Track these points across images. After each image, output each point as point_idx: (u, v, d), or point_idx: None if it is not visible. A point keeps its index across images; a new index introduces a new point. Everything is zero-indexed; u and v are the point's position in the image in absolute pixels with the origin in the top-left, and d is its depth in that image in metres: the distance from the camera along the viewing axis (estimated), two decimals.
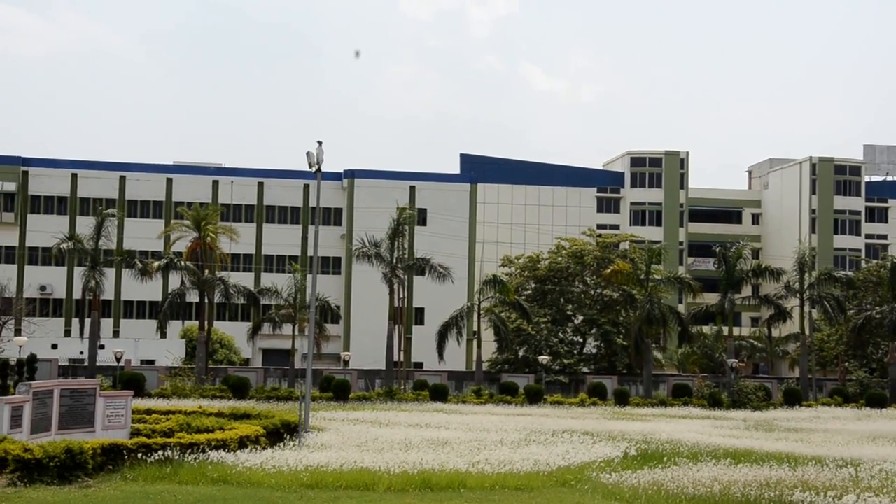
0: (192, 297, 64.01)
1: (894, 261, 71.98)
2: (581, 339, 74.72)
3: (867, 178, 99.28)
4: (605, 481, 21.12)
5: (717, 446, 29.77)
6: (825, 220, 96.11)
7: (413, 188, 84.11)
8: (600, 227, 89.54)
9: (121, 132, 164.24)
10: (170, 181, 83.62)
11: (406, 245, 66.13)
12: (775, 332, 79.50)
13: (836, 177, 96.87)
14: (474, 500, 19.22)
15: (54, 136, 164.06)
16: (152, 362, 66.82)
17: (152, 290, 74.71)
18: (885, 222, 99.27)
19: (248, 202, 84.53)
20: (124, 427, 25.72)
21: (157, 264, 62.41)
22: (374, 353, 68.82)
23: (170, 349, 69.73)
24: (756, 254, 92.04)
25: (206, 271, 61.86)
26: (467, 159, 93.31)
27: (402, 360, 63.74)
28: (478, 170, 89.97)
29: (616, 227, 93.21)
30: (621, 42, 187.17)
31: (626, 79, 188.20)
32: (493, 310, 67.81)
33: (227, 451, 23.13)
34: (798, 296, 69.12)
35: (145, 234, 77.72)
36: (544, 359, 65.05)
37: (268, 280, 74.17)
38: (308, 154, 31.94)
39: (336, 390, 53.74)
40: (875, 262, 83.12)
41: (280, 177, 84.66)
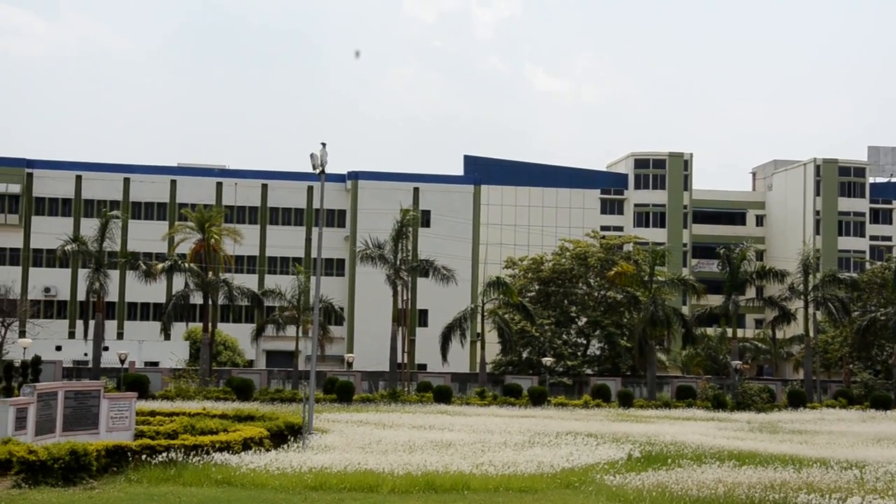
0: (196, 298, 64.07)
1: None
2: (585, 341, 74.68)
3: (871, 180, 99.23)
4: (609, 483, 21.11)
5: (721, 448, 29.74)
6: (829, 222, 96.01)
7: (417, 190, 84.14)
8: (604, 228, 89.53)
9: (125, 134, 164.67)
10: (174, 183, 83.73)
11: (410, 247, 66.13)
12: (779, 334, 79.41)
13: (841, 178, 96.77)
14: (478, 502, 19.22)
15: (58, 138, 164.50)
16: (156, 364, 66.89)
17: (156, 292, 74.80)
18: (890, 224, 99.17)
19: (252, 204, 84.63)
20: (128, 429, 25.74)
21: (161, 266, 62.44)
22: (377, 354, 68.84)
23: (174, 351, 69.82)
24: (760, 255, 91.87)
25: (210, 273, 61.89)
26: (471, 161, 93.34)
27: (405, 361, 63.74)
28: (481, 171, 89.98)
29: (620, 228, 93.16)
30: (625, 43, 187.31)
31: (630, 80, 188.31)
32: (496, 311, 67.81)
33: (231, 453, 23.16)
34: (802, 297, 68.99)
35: (149, 236, 77.86)
36: (548, 360, 65.00)
37: (271, 282, 74.20)
38: (312, 156, 31.99)
39: (340, 392, 53.77)
40: (879, 263, 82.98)
41: (284, 179, 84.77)
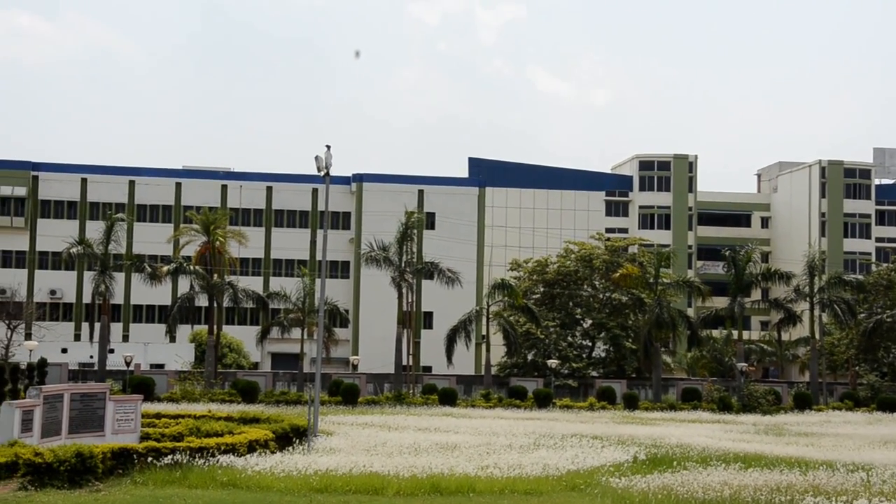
0: (202, 301, 64.14)
1: None
2: (590, 343, 74.63)
3: (877, 182, 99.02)
4: (615, 486, 21.07)
5: (726, 450, 29.69)
6: (835, 224, 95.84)
7: (421, 192, 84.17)
8: (609, 230, 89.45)
9: (130, 137, 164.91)
10: (179, 185, 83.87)
11: (414, 249, 66.18)
12: (785, 336, 79.25)
13: (846, 180, 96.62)
14: None
15: (64, 141, 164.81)
16: (162, 366, 66.94)
17: (162, 295, 74.91)
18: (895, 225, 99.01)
19: (257, 206, 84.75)
20: (134, 431, 25.75)
21: (166, 268, 62.54)
22: (382, 357, 68.85)
23: (179, 353, 69.90)
24: (765, 257, 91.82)
25: (215, 275, 61.95)
26: (476, 163, 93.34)
27: (410, 364, 63.72)
28: (486, 173, 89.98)
29: (625, 230, 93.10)
30: (629, 45, 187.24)
31: (634, 82, 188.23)
32: (501, 314, 67.77)
33: (237, 456, 23.16)
34: (808, 299, 68.88)
35: (155, 239, 78.00)
36: (553, 363, 64.95)
37: (276, 284, 74.31)
38: (317, 158, 31.99)
39: (345, 394, 53.74)
40: (885, 265, 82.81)
41: (289, 181, 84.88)
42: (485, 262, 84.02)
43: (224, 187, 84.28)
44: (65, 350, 69.90)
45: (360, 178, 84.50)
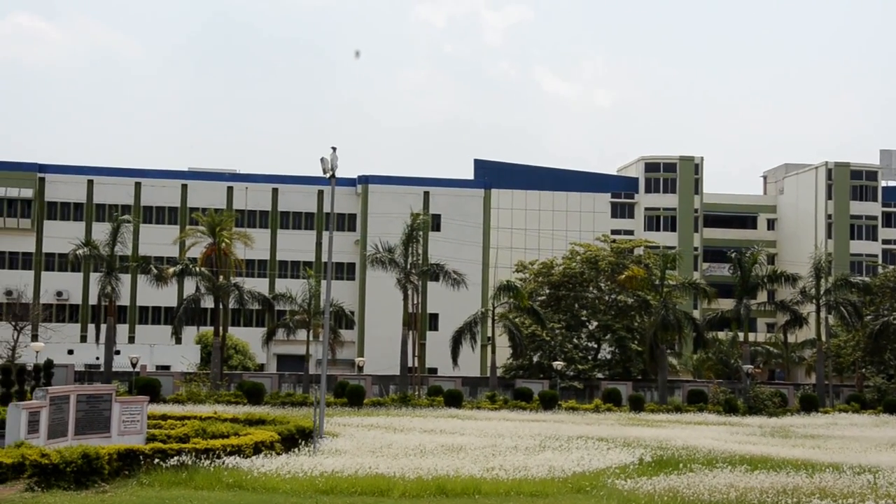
0: (207, 302, 64.21)
1: None
2: (595, 345, 74.56)
3: (884, 183, 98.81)
4: (621, 488, 21.06)
5: (733, 453, 29.65)
6: (841, 226, 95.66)
7: (427, 194, 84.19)
8: (615, 232, 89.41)
9: (136, 139, 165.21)
10: (185, 187, 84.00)
11: (420, 251, 66.14)
12: (791, 338, 79.12)
13: (853, 182, 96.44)
14: None
15: (70, 143, 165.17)
16: (168, 368, 67.05)
17: (167, 296, 74.99)
18: None
19: (263, 208, 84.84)
20: (140, 432, 25.79)
21: (172, 270, 62.60)
22: (388, 358, 68.85)
23: (185, 355, 70.00)
24: (771, 259, 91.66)
25: (221, 277, 62.02)
26: (481, 165, 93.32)
27: (416, 365, 63.73)
28: (492, 175, 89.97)
29: (630, 232, 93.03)
30: (635, 47, 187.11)
31: (640, 84, 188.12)
32: (507, 315, 67.75)
33: (243, 457, 23.18)
34: (814, 301, 68.73)
35: (160, 240, 78.12)
36: (559, 364, 64.91)
37: (282, 286, 74.30)
38: (322, 160, 32.01)
39: (350, 396, 53.79)
40: (892, 267, 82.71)
41: (294, 183, 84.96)
42: (490, 263, 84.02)
43: (230, 189, 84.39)
44: (71, 351, 70.06)
45: (365, 180, 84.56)
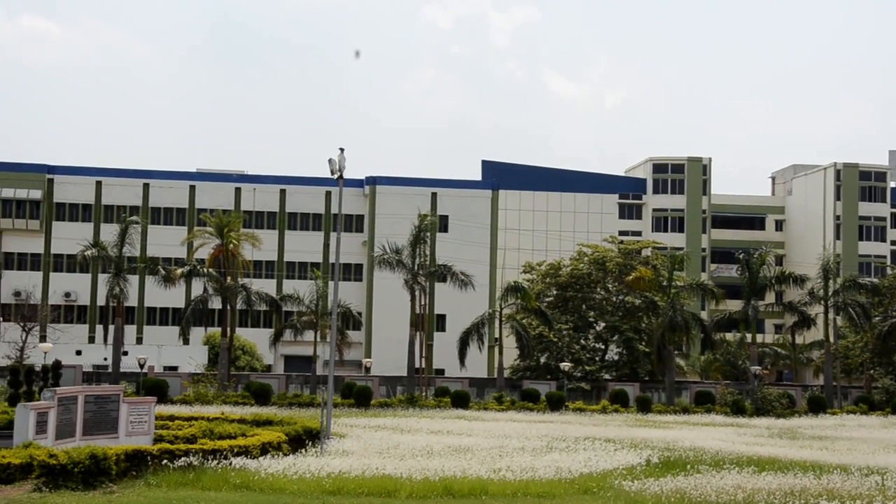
0: (215, 303, 64.30)
1: None
2: (603, 346, 74.48)
3: (893, 184, 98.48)
4: (628, 489, 21.04)
5: (740, 454, 29.60)
6: (850, 227, 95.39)
7: (434, 195, 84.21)
8: (622, 233, 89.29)
9: (144, 140, 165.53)
10: (193, 188, 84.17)
11: (427, 252, 66.21)
12: (799, 340, 78.89)
13: (861, 183, 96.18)
14: None
15: (79, 144, 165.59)
16: (175, 369, 67.15)
17: (175, 297, 75.13)
18: None
19: (271, 209, 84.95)
20: (147, 433, 25.84)
21: (180, 271, 62.71)
22: (395, 359, 68.88)
23: (192, 356, 70.09)
24: (780, 260, 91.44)
25: (229, 278, 62.11)
26: (489, 166, 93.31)
27: (423, 366, 63.73)
28: (499, 176, 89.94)
29: (638, 233, 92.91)
30: (642, 48, 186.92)
31: (648, 85, 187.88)
32: (514, 316, 67.71)
33: (250, 458, 23.21)
34: (822, 303, 68.53)
35: (168, 241, 78.28)
36: (566, 365, 64.85)
37: (290, 287, 74.43)
38: (330, 161, 32.01)
39: (357, 397, 53.83)
40: None
41: (302, 184, 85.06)
42: (498, 264, 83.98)
43: (238, 190, 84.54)
44: (79, 352, 70.19)
45: (373, 181, 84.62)
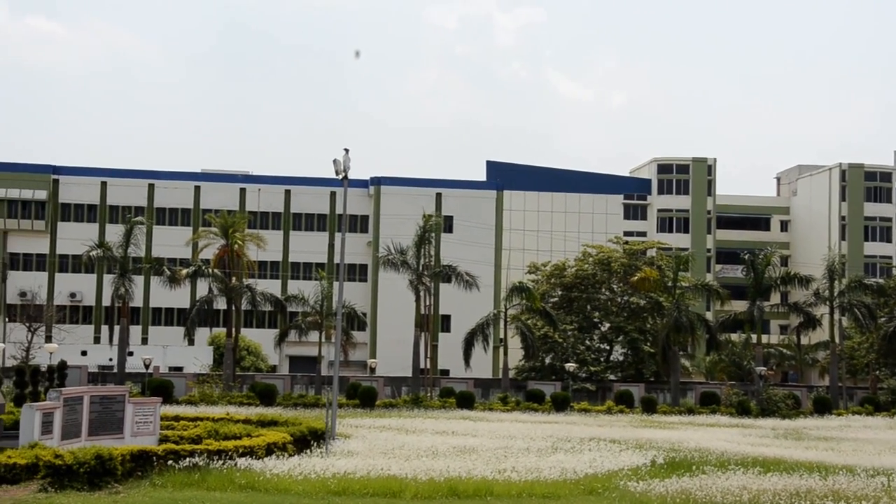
0: (220, 304, 64.39)
1: None
2: (608, 347, 74.43)
3: None
4: (633, 489, 21.03)
5: (745, 455, 29.56)
6: (855, 227, 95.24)
7: (439, 195, 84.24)
8: (627, 234, 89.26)
9: (149, 141, 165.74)
10: (198, 189, 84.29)
11: (432, 252, 66.18)
12: (804, 340, 78.76)
13: (867, 183, 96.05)
14: None
15: (84, 145, 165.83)
16: (180, 369, 67.21)
17: (180, 298, 75.23)
18: None
19: (276, 210, 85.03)
20: (153, 433, 25.87)
21: (185, 272, 62.78)
22: (400, 360, 68.88)
23: (197, 356, 70.17)
24: (785, 261, 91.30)
25: (234, 278, 62.15)
26: (493, 166, 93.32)
27: (428, 367, 63.75)
28: (504, 177, 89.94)
29: (643, 234, 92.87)
30: (647, 49, 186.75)
31: (653, 85, 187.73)
32: (519, 317, 67.69)
33: (255, 458, 23.21)
34: (828, 303, 68.38)
35: (173, 242, 78.39)
36: (571, 366, 64.81)
37: (294, 287, 74.49)
38: (335, 161, 32.03)
39: (362, 397, 53.84)
40: None
41: (307, 184, 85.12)
42: (503, 265, 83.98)
43: (242, 191, 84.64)
44: (84, 353, 70.32)
45: (377, 182, 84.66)
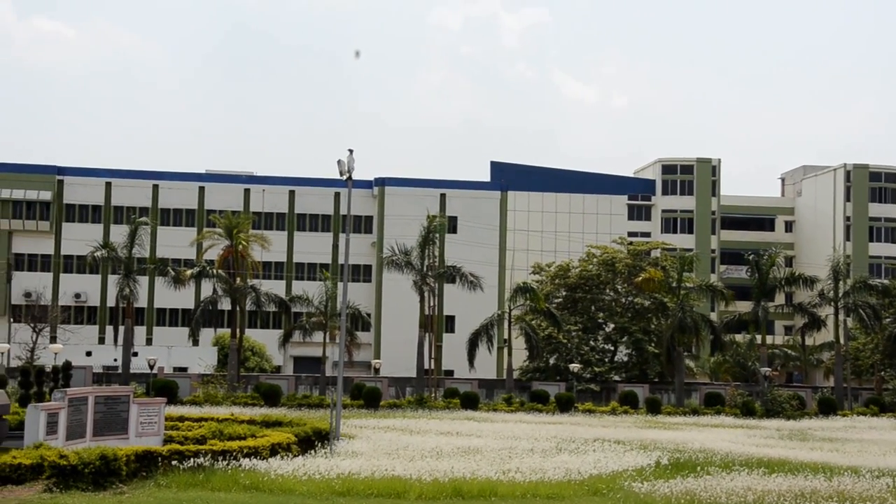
0: (224, 304, 64.41)
1: None
2: (612, 347, 74.38)
3: None
4: (637, 490, 21.01)
5: (750, 455, 29.52)
6: (860, 228, 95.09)
7: (443, 196, 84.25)
8: (631, 234, 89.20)
9: (153, 141, 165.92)
10: (202, 190, 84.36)
11: (436, 253, 66.21)
12: (809, 341, 78.68)
13: (871, 184, 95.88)
14: None
15: (88, 145, 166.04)
16: (185, 369, 67.30)
17: (185, 298, 75.29)
18: None
19: (280, 210, 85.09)
20: (157, 434, 25.90)
21: (189, 272, 62.83)
22: (404, 360, 68.92)
23: (202, 357, 70.25)
24: (789, 261, 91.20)
25: (238, 279, 62.20)
26: (498, 167, 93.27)
27: (432, 367, 63.75)
28: (508, 177, 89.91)
29: (647, 234, 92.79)
30: (652, 49, 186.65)
31: (658, 86, 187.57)
32: (523, 318, 67.66)
33: (259, 459, 23.23)
34: (832, 304, 68.30)
35: (178, 243, 78.43)
36: (575, 367, 64.78)
37: (299, 288, 74.54)
38: (339, 162, 32.03)
39: (367, 398, 53.86)
40: None
41: (311, 185, 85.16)
42: (507, 265, 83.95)
43: (247, 191, 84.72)
44: (89, 353, 70.43)
45: (382, 182, 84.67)
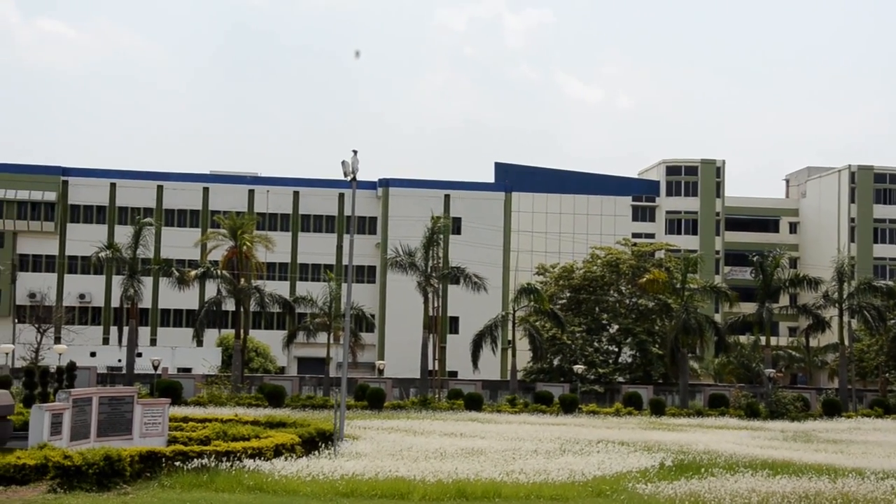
0: (229, 305, 64.47)
1: None
2: (616, 349, 74.33)
3: None
4: (641, 492, 20.99)
5: (754, 457, 29.47)
6: (864, 229, 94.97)
7: (447, 197, 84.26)
8: (635, 235, 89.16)
9: (158, 142, 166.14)
10: (206, 190, 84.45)
11: (440, 254, 66.16)
12: (814, 342, 78.60)
13: (876, 185, 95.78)
14: None
15: (93, 146, 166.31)
16: (189, 370, 67.37)
17: (189, 299, 75.35)
18: None
19: (284, 211, 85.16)
20: (161, 435, 25.92)
21: (193, 273, 62.88)
22: (408, 361, 68.90)
23: (206, 357, 70.32)
24: (794, 263, 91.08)
25: (242, 280, 62.24)
26: (502, 168, 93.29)
27: (436, 368, 63.74)
28: (512, 178, 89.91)
29: (651, 235, 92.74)
30: (656, 50, 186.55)
31: (662, 87, 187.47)
32: (527, 319, 67.64)
33: (263, 460, 23.24)
34: (837, 305, 68.22)
35: (182, 243, 78.51)
36: (579, 368, 64.75)
37: (303, 289, 74.60)
38: (343, 163, 32.03)
39: (371, 399, 53.88)
40: None
41: (315, 186, 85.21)
42: (511, 266, 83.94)
43: (251, 192, 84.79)
44: (93, 354, 70.53)
45: (386, 183, 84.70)
